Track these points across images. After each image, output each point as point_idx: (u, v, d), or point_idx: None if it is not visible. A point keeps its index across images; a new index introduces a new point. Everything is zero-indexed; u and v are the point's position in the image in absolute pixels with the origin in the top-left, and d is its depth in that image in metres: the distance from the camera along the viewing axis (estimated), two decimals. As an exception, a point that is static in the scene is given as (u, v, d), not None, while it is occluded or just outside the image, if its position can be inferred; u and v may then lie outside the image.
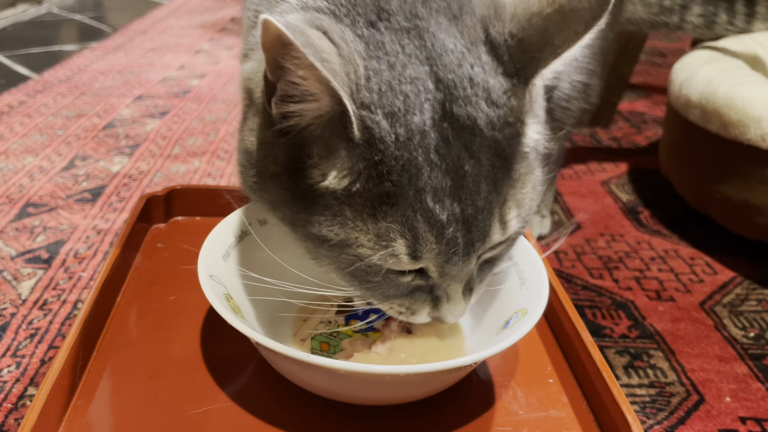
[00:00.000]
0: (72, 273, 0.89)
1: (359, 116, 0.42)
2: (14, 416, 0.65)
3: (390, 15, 0.45)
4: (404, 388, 0.51)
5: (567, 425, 0.54)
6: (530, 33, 0.43)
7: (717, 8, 1.16)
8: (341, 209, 0.44)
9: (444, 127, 0.43)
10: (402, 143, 0.42)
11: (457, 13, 0.46)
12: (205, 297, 0.51)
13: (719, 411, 0.71)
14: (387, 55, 0.44)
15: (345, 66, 0.42)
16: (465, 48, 0.44)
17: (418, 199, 0.43)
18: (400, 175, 0.42)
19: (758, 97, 0.94)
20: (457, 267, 0.46)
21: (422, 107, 0.43)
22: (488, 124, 0.43)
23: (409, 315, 0.50)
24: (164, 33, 2.27)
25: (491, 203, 0.44)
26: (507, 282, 0.60)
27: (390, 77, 0.43)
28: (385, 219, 0.43)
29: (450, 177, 0.43)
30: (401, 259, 0.45)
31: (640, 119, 1.65)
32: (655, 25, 1.18)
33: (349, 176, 0.43)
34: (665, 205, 1.19)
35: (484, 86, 0.44)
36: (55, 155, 1.27)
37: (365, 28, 0.44)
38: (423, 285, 0.48)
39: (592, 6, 0.42)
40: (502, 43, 0.44)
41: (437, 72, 0.44)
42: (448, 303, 0.49)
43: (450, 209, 0.43)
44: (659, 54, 2.19)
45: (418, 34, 0.45)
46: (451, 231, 0.43)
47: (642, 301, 0.91)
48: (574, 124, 0.93)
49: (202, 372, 0.57)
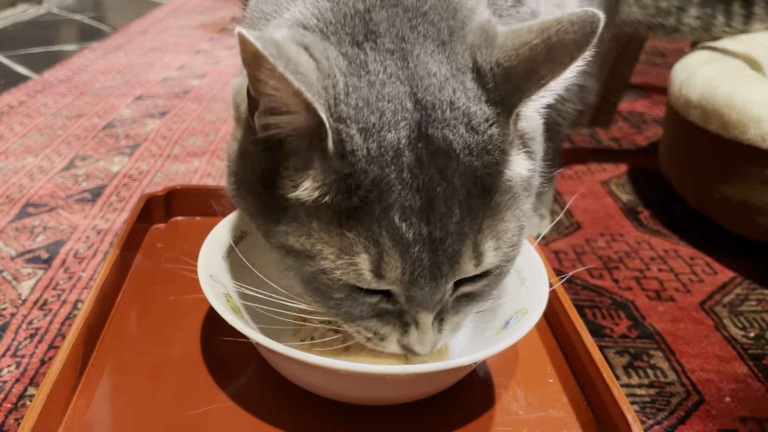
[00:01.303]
0: (72, 273, 0.89)
1: (335, 129, 0.42)
2: (14, 416, 0.65)
3: (377, 37, 0.45)
4: (404, 388, 0.51)
5: (567, 425, 0.54)
6: (516, 62, 0.43)
7: (714, 10, 1.15)
8: (309, 221, 0.45)
9: (419, 147, 0.43)
10: (373, 158, 0.42)
11: (446, 39, 0.46)
12: (205, 297, 0.51)
13: (719, 411, 0.71)
14: (368, 73, 0.44)
15: (323, 80, 0.42)
16: (450, 73, 0.45)
17: (385, 215, 0.42)
18: (370, 190, 0.42)
19: (758, 97, 0.94)
20: (423, 291, 0.45)
21: (398, 125, 0.43)
22: (465, 148, 0.43)
23: (377, 341, 0.49)
24: (164, 33, 2.27)
25: (464, 229, 0.44)
26: (507, 282, 0.60)
27: (368, 94, 0.43)
28: (351, 232, 0.43)
29: (420, 197, 0.43)
30: (364, 275, 0.44)
31: (640, 119, 1.65)
32: (651, 27, 1.17)
33: (320, 189, 0.43)
34: (665, 205, 1.19)
35: (464, 111, 0.44)
36: (55, 155, 1.27)
37: (350, 47, 0.45)
38: (391, 310, 0.47)
39: (578, 39, 0.42)
40: (488, 70, 0.44)
41: (416, 93, 0.44)
42: (416, 331, 0.47)
43: (417, 229, 0.43)
44: (659, 54, 2.19)
45: (402, 56, 0.45)
46: (416, 251, 0.43)
47: (642, 301, 0.91)
48: (570, 125, 0.93)
49: (202, 372, 0.57)
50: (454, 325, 0.50)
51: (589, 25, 0.41)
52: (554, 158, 1.06)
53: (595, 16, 0.41)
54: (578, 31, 0.42)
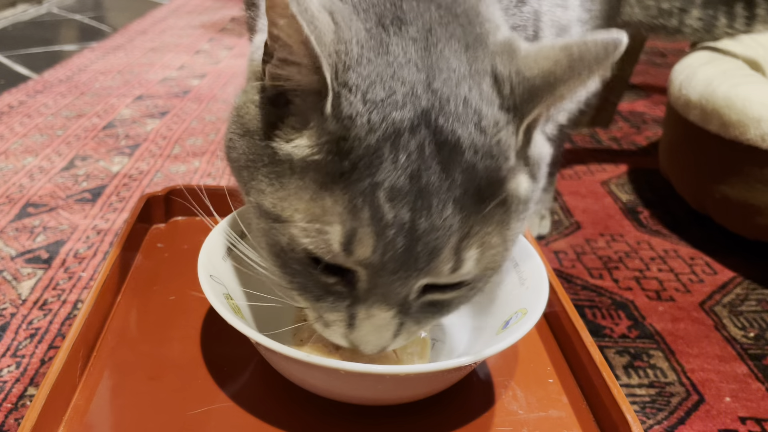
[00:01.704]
0: (72, 273, 0.89)
1: (336, 91, 0.42)
2: (14, 416, 0.65)
3: (403, 24, 0.46)
4: (404, 388, 0.51)
5: (567, 425, 0.54)
6: (536, 73, 0.44)
7: (716, 11, 1.15)
8: (290, 180, 0.44)
9: (423, 134, 0.43)
10: (371, 129, 0.42)
11: (470, 44, 0.46)
12: (205, 297, 0.51)
13: (719, 411, 0.71)
14: (387, 54, 0.44)
15: (337, 44, 0.42)
16: (468, 73, 0.45)
17: (371, 191, 0.42)
18: (361, 157, 0.42)
19: (758, 97, 0.94)
20: (390, 279, 0.43)
21: (405, 106, 0.43)
22: (471, 146, 0.43)
23: (322, 325, 0.48)
24: (164, 33, 2.27)
25: (452, 228, 0.43)
26: (507, 282, 0.60)
27: (383, 72, 0.43)
28: (331, 199, 0.43)
29: (412, 183, 0.42)
30: (333, 246, 0.43)
31: (640, 119, 1.65)
32: (653, 28, 1.17)
33: (312, 148, 0.43)
34: (665, 205, 1.19)
35: (476, 110, 0.44)
36: (55, 155, 1.27)
37: (375, 26, 0.45)
38: (345, 294, 0.46)
39: (600, 55, 0.42)
40: (506, 77, 0.44)
41: (432, 83, 0.44)
42: (367, 324, 0.46)
43: (399, 212, 0.42)
44: (659, 54, 2.19)
45: (425, 46, 0.45)
46: (392, 234, 0.42)
47: (642, 301, 0.91)
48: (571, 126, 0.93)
49: (202, 372, 0.57)
50: (410, 333, 0.48)
51: (612, 44, 0.42)
52: (555, 158, 1.07)
53: (620, 38, 0.42)
54: (601, 49, 0.42)
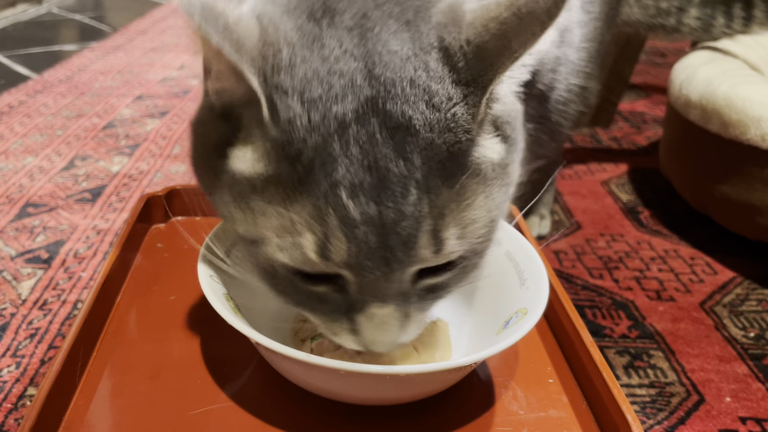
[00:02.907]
0: (72, 273, 0.89)
1: (269, 96, 0.41)
2: (14, 416, 0.65)
3: (335, 13, 0.44)
4: (404, 388, 0.51)
5: (567, 425, 0.54)
6: (487, 38, 0.42)
7: (714, 11, 1.15)
8: (251, 199, 0.43)
9: (371, 122, 0.41)
10: (314, 127, 0.41)
11: (411, 19, 0.45)
12: (205, 297, 0.51)
13: (719, 411, 0.71)
14: (322, 48, 0.43)
15: (263, 48, 0.41)
16: (412, 52, 0.43)
17: (332, 192, 0.41)
18: (311, 159, 0.41)
19: (758, 97, 0.94)
20: (374, 276, 0.42)
21: (345, 98, 0.41)
22: (425, 125, 0.42)
23: (330, 334, 0.48)
24: (164, 33, 2.27)
25: (421, 212, 0.41)
26: (507, 282, 0.60)
27: (318, 68, 0.42)
28: (294, 209, 0.42)
29: (371, 174, 0.41)
30: (309, 255, 0.42)
31: (640, 119, 1.65)
32: (651, 27, 1.17)
33: (262, 161, 0.43)
34: (665, 205, 1.19)
35: (425, 89, 0.42)
36: (55, 155, 1.27)
37: (306, 22, 0.44)
38: (340, 301, 0.45)
39: (549, 6, 0.40)
40: (457, 49, 0.43)
41: (372, 70, 0.43)
42: (370, 325, 0.45)
43: (364, 208, 0.41)
44: (659, 54, 2.19)
45: (360, 33, 0.44)
46: (363, 231, 0.41)
47: (642, 301, 0.91)
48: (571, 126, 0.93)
49: (202, 372, 0.57)
50: (418, 321, 0.48)
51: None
52: (555, 158, 1.06)
53: None
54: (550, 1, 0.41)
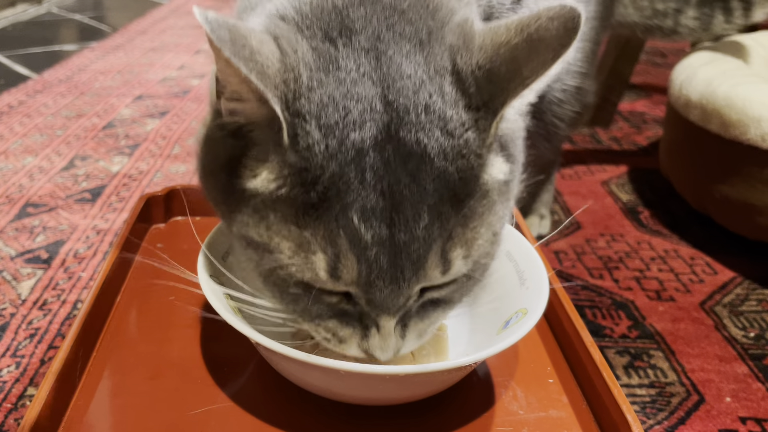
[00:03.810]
0: (72, 273, 0.89)
1: (290, 122, 0.41)
2: (14, 416, 0.65)
3: (352, 33, 0.44)
4: (404, 388, 0.51)
5: (567, 425, 0.54)
6: (498, 64, 0.42)
7: (713, 9, 1.14)
8: (267, 213, 0.44)
9: (386, 149, 0.42)
10: (332, 155, 0.41)
11: (424, 40, 0.45)
12: (205, 296, 0.51)
13: (719, 411, 0.71)
14: (338, 70, 0.43)
15: (284, 73, 0.42)
16: (426, 76, 0.44)
17: (343, 215, 0.41)
18: (327, 187, 0.41)
19: (758, 97, 0.94)
20: (382, 294, 0.43)
21: (363, 125, 0.42)
22: (440, 153, 0.42)
23: (336, 343, 0.48)
24: (164, 33, 2.27)
25: (432, 235, 0.42)
26: (507, 282, 0.60)
27: (335, 91, 0.42)
28: (308, 230, 0.42)
29: (383, 199, 0.41)
30: (320, 275, 0.43)
31: (640, 119, 1.65)
32: (648, 29, 1.16)
33: (277, 181, 0.43)
34: (665, 205, 1.19)
35: (440, 115, 0.43)
36: (55, 155, 1.27)
37: (322, 42, 0.44)
38: (351, 311, 0.46)
39: (560, 35, 0.41)
40: (469, 74, 0.43)
41: (388, 95, 0.43)
42: (377, 335, 0.46)
43: (377, 231, 0.41)
44: (659, 54, 2.19)
45: (376, 56, 0.44)
46: (374, 253, 0.42)
47: (642, 301, 0.91)
48: (569, 127, 0.92)
49: (202, 372, 0.57)
50: (419, 332, 0.48)
51: (570, 21, 0.41)
52: (553, 159, 1.06)
53: (575, 11, 0.41)
54: (560, 28, 0.41)
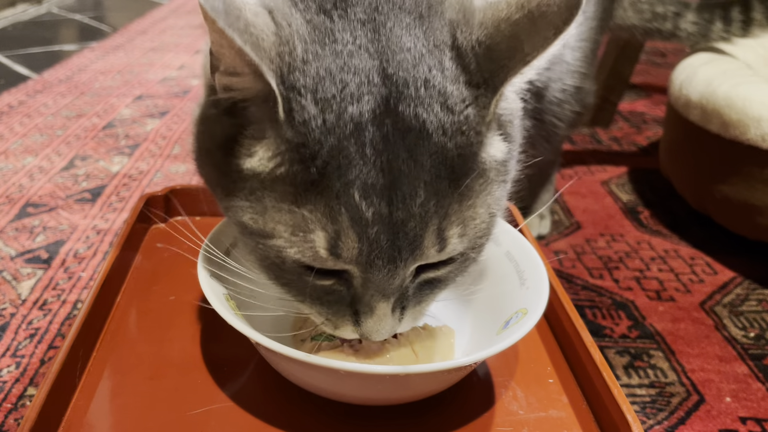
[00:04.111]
0: (72, 273, 0.89)
1: (285, 96, 0.41)
2: (14, 416, 0.65)
3: (347, 5, 0.44)
4: (404, 388, 0.51)
5: (567, 425, 0.54)
6: (498, 40, 0.42)
7: (712, 15, 1.14)
8: (263, 194, 0.43)
9: (385, 123, 0.41)
10: (329, 129, 0.40)
11: (424, 13, 0.44)
12: (205, 297, 0.51)
13: (719, 411, 0.71)
14: (334, 42, 0.42)
15: (279, 46, 0.41)
16: (426, 49, 0.43)
17: (345, 192, 0.41)
18: (327, 161, 0.41)
19: (758, 97, 0.94)
20: (381, 274, 0.43)
21: (361, 98, 0.41)
22: (439, 128, 0.42)
23: (331, 327, 0.48)
24: (164, 33, 2.27)
25: (428, 212, 0.42)
26: (507, 282, 0.60)
27: (331, 64, 0.42)
28: (306, 208, 0.42)
29: (383, 175, 0.41)
30: (320, 253, 0.42)
31: (640, 119, 1.65)
32: (648, 32, 1.16)
33: (274, 159, 0.42)
34: (665, 205, 1.19)
35: (440, 90, 0.42)
36: (55, 155, 1.27)
37: (316, 14, 0.43)
38: (345, 293, 0.46)
39: (562, 10, 0.40)
40: (469, 50, 0.43)
41: (386, 68, 0.42)
42: (371, 317, 0.45)
43: (377, 208, 0.41)
44: (659, 54, 2.19)
45: (373, 27, 0.43)
46: (375, 231, 0.41)
47: (642, 301, 0.90)
48: (568, 127, 0.92)
49: (202, 372, 0.57)
50: (415, 314, 0.48)
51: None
52: (553, 160, 1.06)
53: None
54: (561, 4, 0.40)
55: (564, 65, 0.84)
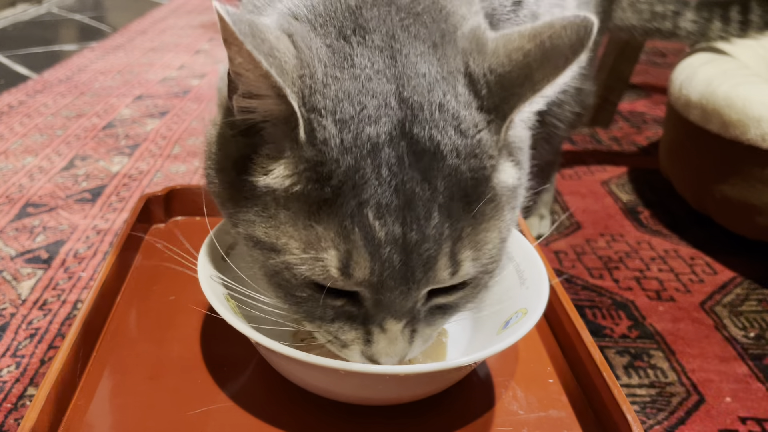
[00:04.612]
0: (72, 273, 0.89)
1: (306, 118, 0.41)
2: (14, 416, 0.65)
3: (366, 32, 0.45)
4: (404, 388, 0.51)
5: (567, 425, 0.54)
6: (509, 69, 0.43)
7: (711, 14, 1.14)
8: (277, 211, 0.44)
9: (401, 146, 0.42)
10: (347, 148, 0.41)
11: (438, 42, 0.45)
12: (205, 297, 0.51)
13: (719, 411, 0.71)
14: (353, 67, 0.43)
15: (300, 69, 0.42)
16: (440, 76, 0.44)
17: (359, 211, 0.41)
18: (342, 181, 0.41)
19: (758, 97, 0.94)
20: (392, 295, 0.43)
21: (378, 120, 0.42)
22: (453, 151, 0.42)
23: (338, 347, 0.48)
24: (164, 33, 2.27)
25: (442, 235, 0.42)
26: (507, 282, 0.60)
27: (350, 87, 0.43)
28: (321, 225, 0.42)
29: (398, 196, 0.41)
30: (331, 272, 0.43)
31: (640, 119, 1.65)
32: (647, 32, 1.16)
33: (292, 177, 0.43)
34: (665, 205, 1.19)
35: (454, 114, 0.43)
36: (55, 155, 1.27)
37: (336, 39, 0.44)
38: (355, 314, 0.46)
39: (573, 42, 0.41)
40: (481, 77, 0.44)
41: (402, 92, 0.43)
42: (383, 339, 0.45)
43: (390, 228, 0.41)
44: (659, 54, 2.19)
45: (390, 54, 0.44)
46: (388, 252, 0.42)
47: (642, 301, 0.91)
48: (568, 128, 0.92)
49: (202, 372, 0.57)
50: (425, 337, 0.48)
51: (583, 29, 0.41)
52: (553, 160, 1.06)
53: (588, 20, 0.41)
54: (572, 36, 0.41)
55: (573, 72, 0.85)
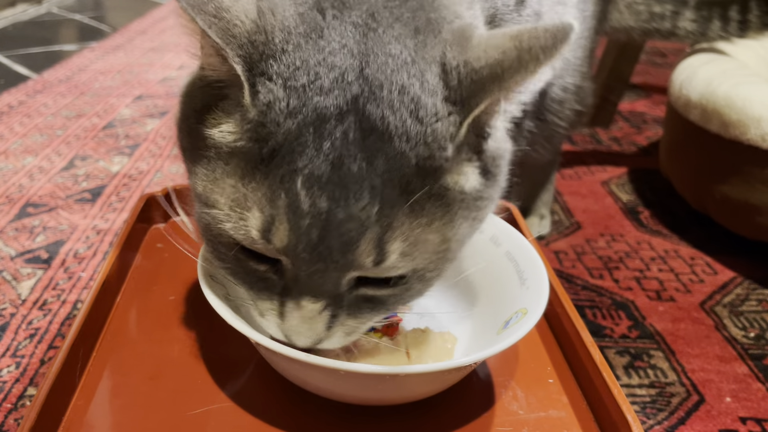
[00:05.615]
0: (72, 273, 0.89)
1: (252, 82, 0.42)
2: (14, 416, 0.65)
3: (345, 7, 0.44)
4: (404, 388, 0.51)
5: (567, 425, 0.54)
6: (483, 63, 0.42)
7: (711, 13, 1.13)
8: (217, 165, 0.44)
9: (349, 120, 0.41)
10: (291, 112, 0.41)
11: (420, 28, 0.45)
12: (205, 297, 0.51)
13: (719, 411, 0.71)
14: (321, 39, 0.43)
15: (255, 34, 0.42)
16: (411, 59, 0.43)
17: (290, 178, 0.41)
18: (281, 144, 0.41)
19: (758, 97, 0.94)
20: (308, 270, 0.43)
21: (331, 92, 0.42)
22: (403, 135, 0.42)
23: (258, 314, 0.48)
24: (164, 33, 2.27)
25: (369, 218, 0.41)
26: (507, 282, 0.60)
27: (310, 57, 0.42)
28: (251, 185, 0.42)
29: (333, 170, 0.41)
30: (251, 233, 0.42)
31: (640, 119, 1.65)
32: (646, 32, 1.15)
33: (234, 134, 0.43)
34: (665, 205, 1.19)
35: (414, 98, 0.42)
36: (55, 155, 1.27)
37: (311, 9, 0.44)
38: (275, 283, 0.45)
39: (547, 44, 0.41)
40: (454, 67, 0.43)
41: (365, 69, 0.43)
42: (296, 314, 0.45)
43: (316, 201, 0.41)
44: (659, 54, 2.19)
45: (363, 31, 0.44)
46: (307, 224, 0.41)
47: (642, 301, 0.90)
48: (569, 126, 0.92)
49: (202, 372, 0.57)
50: (348, 329, 0.47)
51: (561, 33, 0.41)
52: (553, 159, 1.06)
53: (569, 26, 0.41)
54: (549, 38, 0.41)
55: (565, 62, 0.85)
